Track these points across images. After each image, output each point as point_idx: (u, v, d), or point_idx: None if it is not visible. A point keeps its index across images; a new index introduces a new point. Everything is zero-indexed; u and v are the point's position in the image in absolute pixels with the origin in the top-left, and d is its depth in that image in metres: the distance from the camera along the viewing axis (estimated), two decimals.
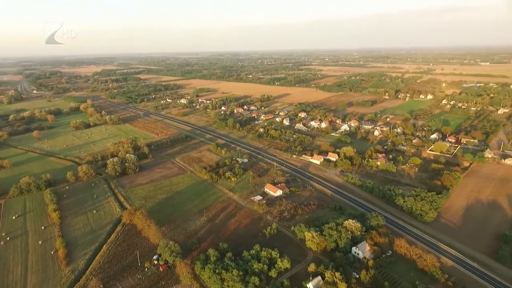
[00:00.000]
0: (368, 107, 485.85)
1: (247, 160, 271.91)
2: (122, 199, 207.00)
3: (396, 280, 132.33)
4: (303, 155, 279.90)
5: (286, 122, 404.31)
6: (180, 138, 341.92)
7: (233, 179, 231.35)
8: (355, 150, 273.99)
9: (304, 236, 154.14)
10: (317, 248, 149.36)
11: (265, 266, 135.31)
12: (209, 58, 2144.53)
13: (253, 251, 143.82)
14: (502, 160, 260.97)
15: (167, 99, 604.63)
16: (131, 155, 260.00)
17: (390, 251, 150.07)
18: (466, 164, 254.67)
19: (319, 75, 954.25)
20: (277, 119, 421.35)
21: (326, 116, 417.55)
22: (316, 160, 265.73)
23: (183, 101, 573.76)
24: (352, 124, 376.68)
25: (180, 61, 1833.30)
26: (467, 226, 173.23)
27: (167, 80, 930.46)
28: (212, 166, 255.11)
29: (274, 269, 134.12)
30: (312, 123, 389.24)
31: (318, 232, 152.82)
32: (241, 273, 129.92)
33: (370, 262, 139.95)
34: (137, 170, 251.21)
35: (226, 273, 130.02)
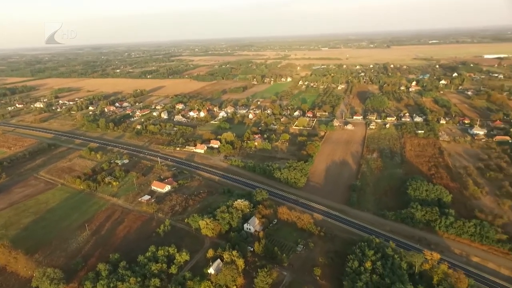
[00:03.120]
0: (240, 93, 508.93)
1: (127, 161, 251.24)
2: None
3: (283, 243, 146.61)
4: (187, 147, 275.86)
5: (164, 115, 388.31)
6: (41, 148, 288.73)
7: (114, 183, 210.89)
8: (234, 134, 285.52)
9: (199, 225, 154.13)
10: (213, 233, 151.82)
11: (164, 265, 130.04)
12: (65, 53, 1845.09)
13: (149, 253, 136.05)
14: (345, 126, 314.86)
15: (17, 105, 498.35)
16: None
17: (275, 220, 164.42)
18: (322, 133, 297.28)
19: (191, 66, 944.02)
20: (155, 114, 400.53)
21: (203, 106, 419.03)
22: (200, 149, 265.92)
23: (39, 105, 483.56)
24: (229, 111, 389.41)
25: (28, 59, 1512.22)
26: (327, 184, 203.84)
27: (13, 82, 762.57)
28: (87, 173, 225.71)
29: (173, 265, 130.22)
30: (191, 113, 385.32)
31: (212, 218, 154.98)
32: (139, 279, 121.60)
33: (261, 234, 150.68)
34: None
35: (123, 284, 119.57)
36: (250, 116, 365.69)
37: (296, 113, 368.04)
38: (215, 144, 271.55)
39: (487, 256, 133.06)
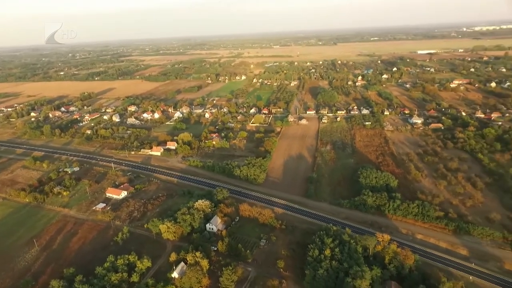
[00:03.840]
0: (195, 93, 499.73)
1: (78, 169, 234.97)
2: None
3: (246, 239, 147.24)
4: (142, 150, 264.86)
5: (116, 118, 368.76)
6: None
7: (64, 193, 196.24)
8: (191, 134, 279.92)
9: (160, 229, 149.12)
10: (175, 236, 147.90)
11: (124, 274, 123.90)
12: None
13: (108, 264, 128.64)
14: (300, 121, 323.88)
15: None
16: None
17: (237, 217, 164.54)
18: (278, 129, 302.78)
19: (142, 66, 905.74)
20: (105, 117, 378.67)
21: (157, 107, 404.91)
22: (156, 151, 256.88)
23: None
24: (184, 111, 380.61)
25: None
26: (286, 178, 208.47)
27: None
28: (33, 185, 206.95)
29: (135, 273, 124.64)
30: (145, 115, 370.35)
31: (173, 221, 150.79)
32: None
33: (224, 233, 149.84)
34: None
35: None
36: (207, 115, 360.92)
37: (252, 110, 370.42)
38: (172, 145, 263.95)
39: (428, 233, 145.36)
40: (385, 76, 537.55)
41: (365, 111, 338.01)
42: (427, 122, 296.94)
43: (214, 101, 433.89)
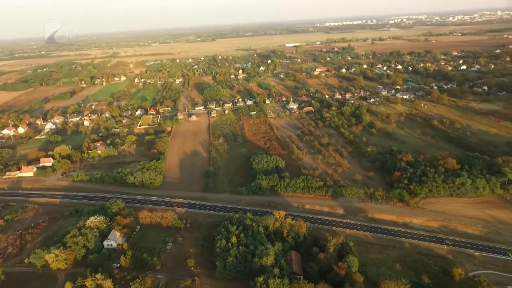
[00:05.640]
0: (68, 99, 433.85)
1: None
2: None
3: (151, 247, 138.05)
4: (7, 173, 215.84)
5: None
6: None
7: None
8: (70, 146, 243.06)
9: (46, 260, 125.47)
10: (67, 264, 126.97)
11: None
12: None
13: None
14: (190, 118, 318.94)
15: None
16: None
17: (138, 226, 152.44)
18: (169, 128, 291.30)
19: None
20: None
21: (21, 120, 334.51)
22: (28, 172, 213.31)
23: None
24: (57, 121, 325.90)
25: None
26: (184, 176, 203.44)
27: None
28: None
29: None
30: (6, 131, 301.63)
31: (61, 247, 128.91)
32: None
33: (125, 246, 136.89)
34: None
35: None
36: (86, 123, 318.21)
37: (138, 112, 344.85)
38: (47, 162, 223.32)
39: (313, 202, 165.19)
40: (262, 68, 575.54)
41: (249, 102, 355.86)
42: (301, 106, 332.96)
43: (93, 107, 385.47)
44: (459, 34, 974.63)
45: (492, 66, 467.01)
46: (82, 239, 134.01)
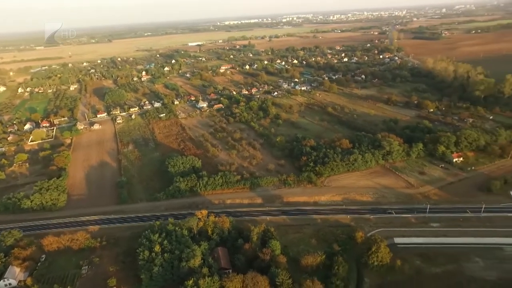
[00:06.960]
0: None
1: None
2: None
3: (63, 275, 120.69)
4: None
5: None
6: None
7: None
8: None
9: None
10: None
11: None
12: None
13: None
14: (92, 127, 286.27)
15: None
16: None
17: (43, 255, 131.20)
18: (68, 141, 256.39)
19: None
20: None
21: None
22: None
23: None
24: None
25: None
26: (92, 191, 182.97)
27: None
28: None
29: None
30: None
31: None
32: None
33: (28, 281, 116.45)
34: None
35: None
36: None
37: (28, 126, 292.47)
38: None
39: (234, 196, 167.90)
40: (167, 68, 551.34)
41: (157, 104, 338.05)
42: (210, 104, 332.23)
43: None
44: (339, 31, 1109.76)
45: (366, 58, 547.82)
46: None
